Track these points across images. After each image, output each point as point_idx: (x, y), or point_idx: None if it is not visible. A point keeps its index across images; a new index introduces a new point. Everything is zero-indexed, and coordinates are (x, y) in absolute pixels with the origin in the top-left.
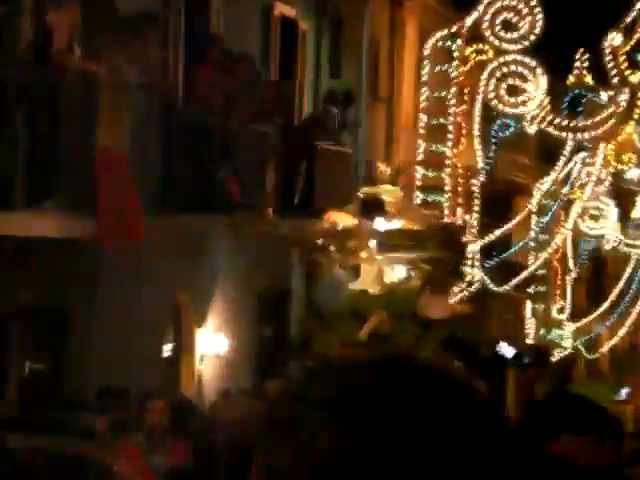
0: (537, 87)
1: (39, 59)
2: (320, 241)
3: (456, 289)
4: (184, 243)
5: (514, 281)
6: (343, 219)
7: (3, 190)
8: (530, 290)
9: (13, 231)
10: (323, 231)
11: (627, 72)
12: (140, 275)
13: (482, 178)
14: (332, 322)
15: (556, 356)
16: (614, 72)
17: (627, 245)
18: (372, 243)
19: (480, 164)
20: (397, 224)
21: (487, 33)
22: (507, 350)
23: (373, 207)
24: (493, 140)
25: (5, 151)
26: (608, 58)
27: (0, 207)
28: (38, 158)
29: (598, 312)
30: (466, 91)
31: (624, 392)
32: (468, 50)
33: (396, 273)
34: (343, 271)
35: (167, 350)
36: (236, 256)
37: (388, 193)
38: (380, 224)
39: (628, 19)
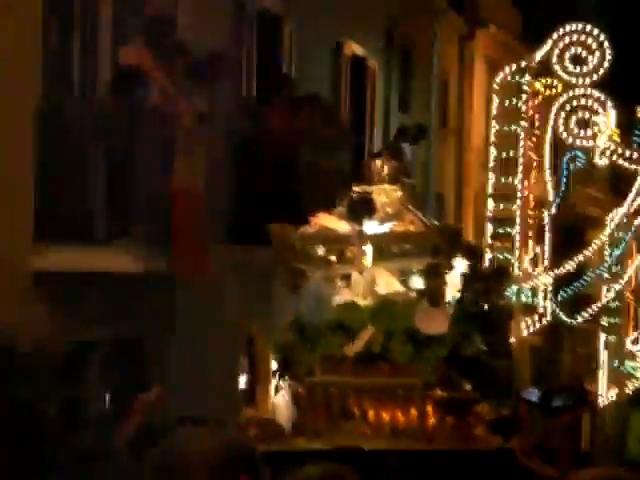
0: (607, 120)
1: (117, 97)
2: (302, 247)
3: (529, 321)
4: (257, 274)
5: (587, 313)
6: (331, 222)
7: (84, 226)
8: (603, 322)
9: (93, 266)
10: (308, 236)
11: None
12: (214, 307)
13: (554, 210)
14: (315, 339)
15: (629, 388)
16: None
17: None
18: (366, 249)
19: (551, 196)
20: (389, 227)
21: (556, 67)
22: (532, 393)
23: (361, 208)
24: (564, 173)
25: (85, 188)
26: None
27: (81, 242)
28: (117, 195)
29: None
30: (536, 124)
31: None
32: (537, 84)
33: (392, 282)
34: (330, 281)
35: (242, 382)
36: None
37: (384, 193)
38: (371, 227)
39: None
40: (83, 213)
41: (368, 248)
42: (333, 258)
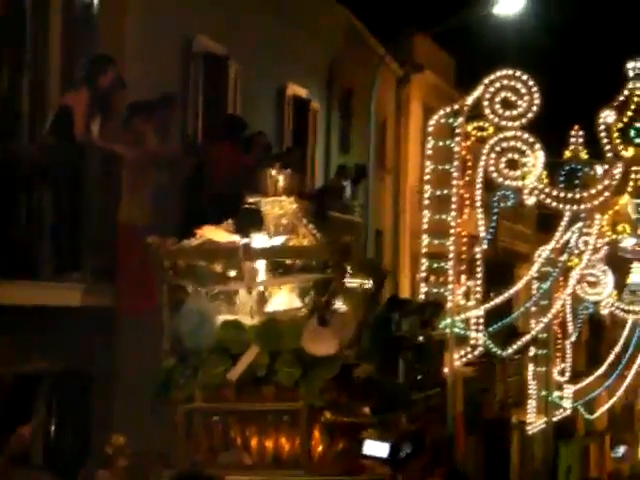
0: (535, 161)
1: (63, 138)
2: (184, 261)
3: (461, 352)
4: None
5: (516, 345)
6: (217, 235)
7: (31, 262)
8: (531, 353)
9: (40, 301)
10: (189, 250)
11: (620, 147)
12: (158, 339)
13: (485, 246)
14: (196, 362)
15: (556, 416)
16: (608, 147)
17: (623, 310)
18: (257, 264)
19: (482, 233)
20: (280, 241)
21: (487, 111)
22: (377, 448)
23: (249, 220)
24: (494, 210)
25: (32, 226)
26: (602, 134)
27: (28, 278)
28: (64, 232)
29: (597, 374)
30: (468, 164)
31: (621, 450)
32: (469, 126)
33: (282, 300)
34: (214, 299)
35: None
36: None
37: (279, 205)
38: (260, 241)
39: (620, 97)
40: (30, 252)
41: (260, 264)
42: (218, 271)
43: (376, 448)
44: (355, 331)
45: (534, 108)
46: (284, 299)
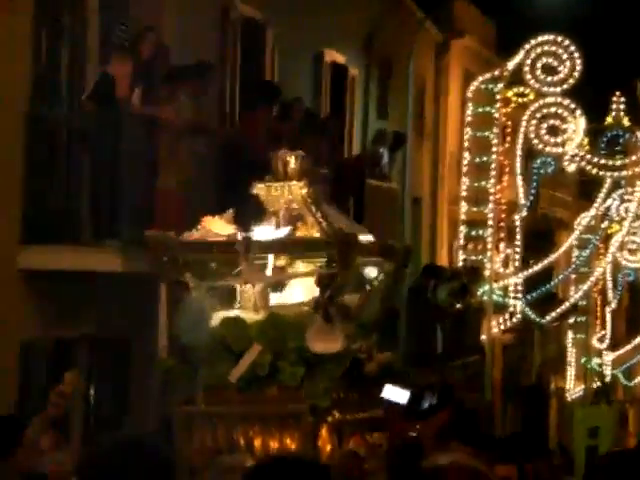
0: (576, 128)
1: (103, 105)
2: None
3: (501, 320)
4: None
5: (555, 312)
6: (219, 227)
7: (71, 227)
8: (571, 321)
9: (80, 266)
10: (189, 244)
11: None
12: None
13: (524, 213)
14: (197, 360)
15: (596, 383)
16: None
17: None
18: (269, 256)
19: (522, 200)
20: (284, 232)
21: (528, 76)
22: (395, 393)
23: (247, 212)
24: (534, 177)
25: (72, 191)
26: None
27: (68, 242)
28: (103, 197)
29: (636, 341)
30: (508, 131)
31: None
32: (510, 92)
33: (289, 294)
34: (213, 295)
35: None
36: None
37: (289, 190)
38: (263, 233)
39: None
40: (70, 217)
41: (269, 256)
42: (219, 266)
43: (395, 393)
44: (376, 318)
45: (575, 74)
46: (301, 288)
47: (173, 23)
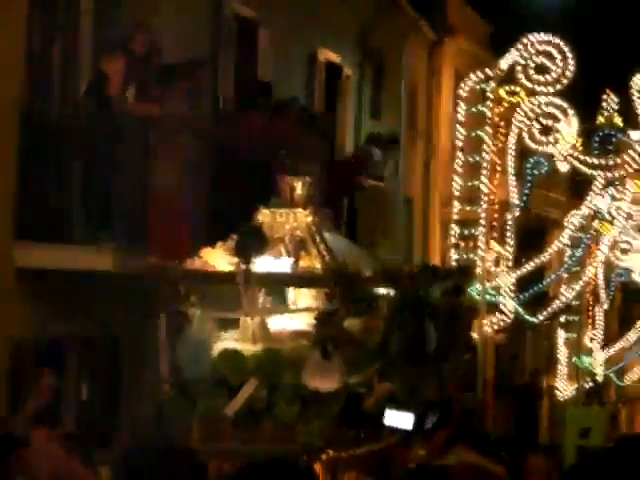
0: (569, 127)
1: (97, 103)
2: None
3: (493, 319)
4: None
5: (547, 311)
6: (217, 259)
7: (62, 225)
8: (562, 319)
9: (71, 265)
10: (190, 273)
11: None
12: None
13: (517, 213)
14: (194, 394)
15: (588, 383)
16: None
17: None
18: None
19: (514, 200)
20: (286, 264)
21: (521, 76)
22: (399, 419)
23: (249, 243)
24: (528, 177)
25: (65, 189)
26: (635, 98)
27: (59, 241)
28: (95, 196)
29: (628, 340)
30: (501, 130)
31: None
32: (502, 92)
33: (288, 324)
34: (214, 325)
35: None
36: None
37: (293, 217)
38: (264, 264)
39: None
40: (61, 215)
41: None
42: (219, 296)
43: (399, 419)
44: (380, 344)
45: (568, 74)
46: (305, 299)
47: (166, 22)
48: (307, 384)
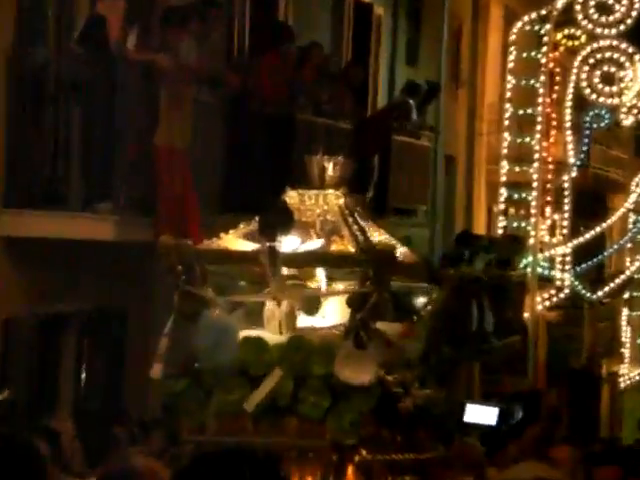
0: (634, 75)
1: (94, 49)
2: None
3: (546, 295)
4: None
5: (608, 286)
6: (234, 244)
7: (59, 192)
8: (626, 296)
9: (70, 234)
10: (208, 253)
11: None
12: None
13: (574, 174)
14: (211, 385)
15: None
16: None
17: None
18: (318, 271)
19: (571, 158)
20: (315, 245)
21: (580, 16)
22: (481, 414)
23: (276, 221)
24: (586, 132)
25: (60, 147)
26: None
27: (56, 209)
28: (94, 157)
29: None
30: (556, 79)
31: None
32: (559, 35)
33: (322, 318)
34: (234, 311)
35: None
36: None
37: (324, 199)
38: (291, 244)
39: None
40: (58, 180)
41: (320, 271)
42: (241, 279)
43: (481, 414)
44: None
45: (634, 13)
46: (336, 313)
47: None
48: (338, 375)
